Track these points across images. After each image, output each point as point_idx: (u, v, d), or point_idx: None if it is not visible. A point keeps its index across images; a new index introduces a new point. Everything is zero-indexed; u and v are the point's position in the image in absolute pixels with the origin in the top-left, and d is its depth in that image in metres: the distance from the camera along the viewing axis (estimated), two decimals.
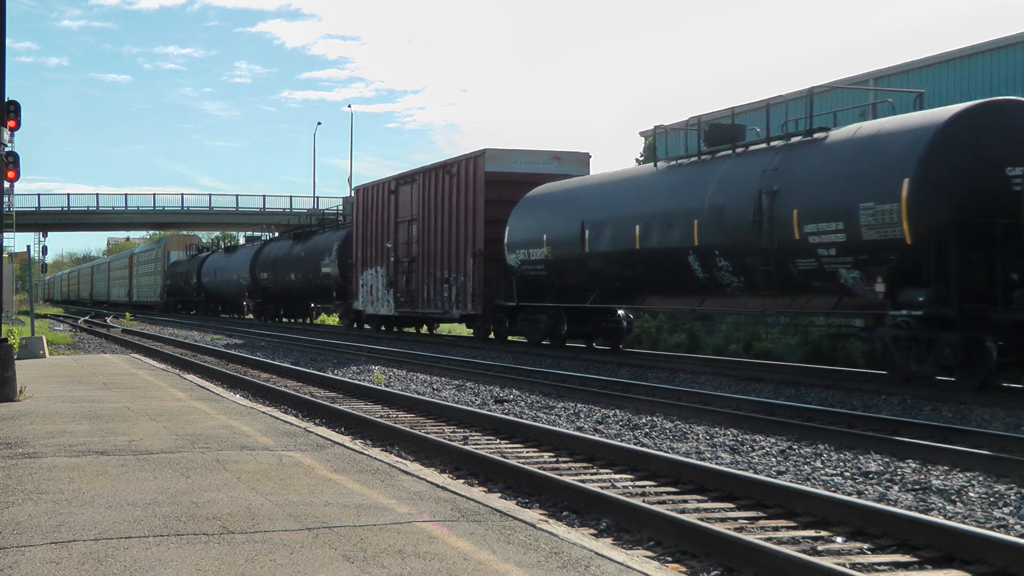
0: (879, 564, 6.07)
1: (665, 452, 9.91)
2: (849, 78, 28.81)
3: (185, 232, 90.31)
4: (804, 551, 6.24)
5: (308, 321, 52.25)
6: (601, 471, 9.15)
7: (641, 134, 38.27)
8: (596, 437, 10.55)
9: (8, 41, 13.19)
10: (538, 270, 25.37)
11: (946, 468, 9.14)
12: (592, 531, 6.97)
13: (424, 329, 37.49)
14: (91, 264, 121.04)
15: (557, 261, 24.46)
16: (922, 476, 8.77)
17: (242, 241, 67.59)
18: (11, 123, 14.08)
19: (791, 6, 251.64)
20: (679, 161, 21.12)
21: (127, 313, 62.56)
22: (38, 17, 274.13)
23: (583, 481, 8.41)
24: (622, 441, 10.67)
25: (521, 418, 12.51)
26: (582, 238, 23.22)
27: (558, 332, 25.24)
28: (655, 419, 12.49)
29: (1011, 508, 7.55)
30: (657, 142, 23.69)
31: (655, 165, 21.83)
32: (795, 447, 10.33)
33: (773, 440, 10.75)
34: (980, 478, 8.64)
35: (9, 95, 13.75)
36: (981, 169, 15.03)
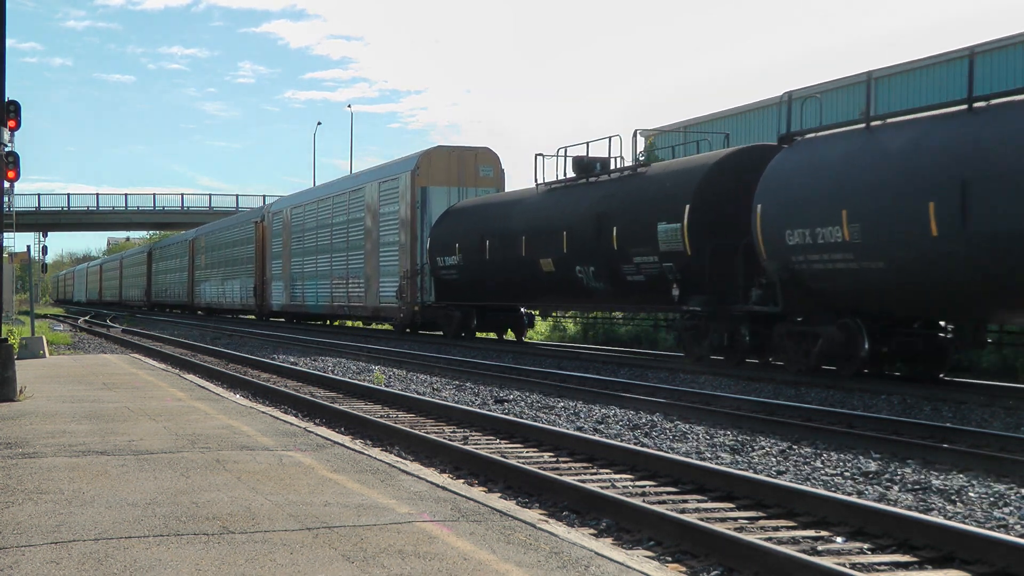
0: (879, 564, 6.08)
1: (665, 452, 9.91)
2: (849, 78, 28.83)
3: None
4: (804, 551, 6.24)
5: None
6: (601, 471, 9.15)
7: (641, 133, 38.25)
8: (596, 437, 10.55)
9: (12, 42, 13.34)
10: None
11: (946, 468, 9.14)
12: (592, 531, 6.97)
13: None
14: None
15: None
16: (922, 476, 8.77)
17: None
18: (11, 123, 14.08)
19: (791, 6, 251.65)
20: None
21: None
22: (43, 18, 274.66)
23: (583, 481, 8.41)
24: (622, 441, 10.67)
25: (521, 418, 12.50)
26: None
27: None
28: (655, 419, 12.49)
29: (1011, 508, 7.55)
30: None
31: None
32: (795, 447, 10.33)
33: (773, 440, 10.75)
34: (980, 478, 8.64)
35: (12, 95, 13.77)
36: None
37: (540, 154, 26.94)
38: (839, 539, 6.62)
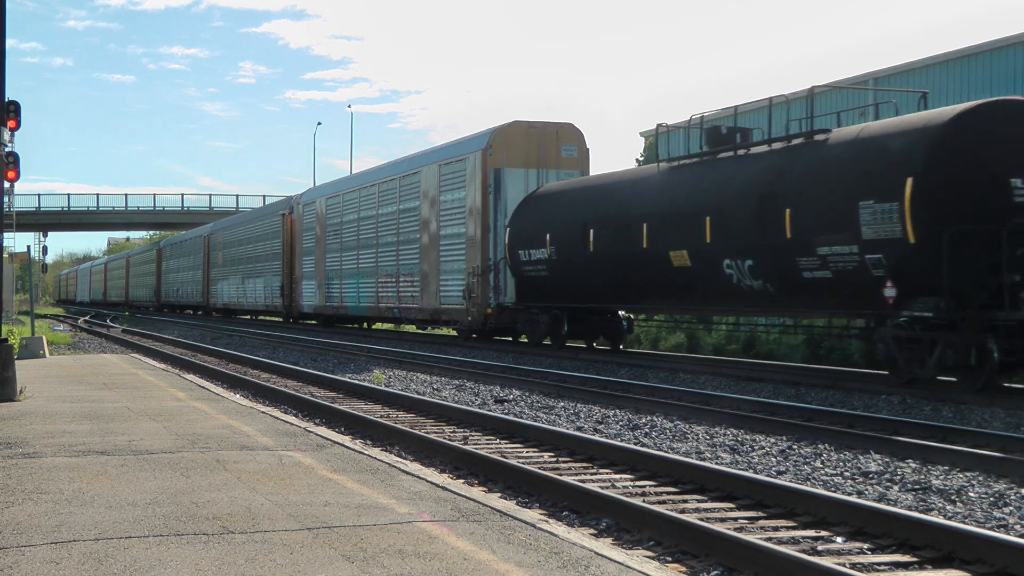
0: (879, 564, 6.07)
1: (665, 452, 9.91)
2: (850, 78, 28.80)
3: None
4: (804, 551, 6.24)
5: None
6: (601, 471, 9.15)
7: (642, 134, 38.22)
8: (596, 437, 10.54)
9: (14, 42, 13.36)
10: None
11: (946, 468, 9.13)
12: (592, 531, 6.97)
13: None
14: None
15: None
16: (922, 476, 8.77)
17: None
18: (11, 123, 14.09)
19: (792, 6, 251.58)
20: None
21: None
22: (43, 18, 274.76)
23: (583, 481, 8.41)
24: (622, 441, 10.67)
25: (521, 418, 12.50)
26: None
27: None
28: (655, 419, 12.48)
29: (1011, 508, 7.54)
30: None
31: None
32: (795, 447, 10.33)
33: (773, 440, 10.75)
34: (980, 478, 8.63)
35: (12, 95, 13.79)
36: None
37: (663, 124, 22.46)
38: (839, 539, 6.62)
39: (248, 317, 54.38)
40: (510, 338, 29.23)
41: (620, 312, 24.78)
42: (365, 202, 36.20)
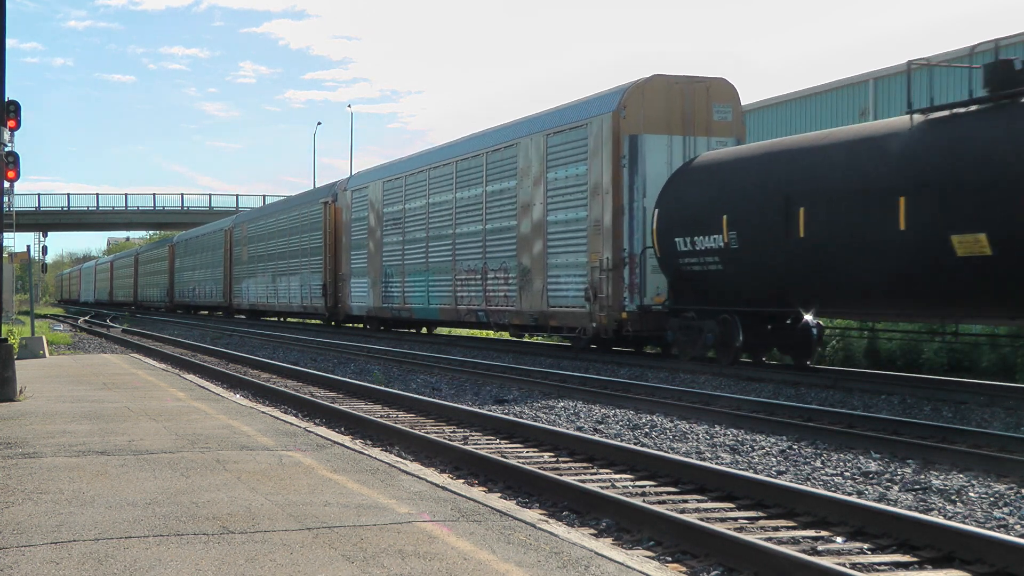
0: (879, 564, 6.08)
1: (665, 452, 9.91)
2: (851, 77, 28.63)
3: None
4: (804, 551, 6.24)
5: None
6: (601, 471, 9.15)
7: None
8: (596, 437, 10.54)
9: (14, 42, 13.36)
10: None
11: (946, 468, 9.14)
12: (592, 531, 6.97)
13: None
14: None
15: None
16: (922, 476, 8.77)
17: None
18: (11, 123, 14.11)
19: (794, 5, 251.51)
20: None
21: None
22: (44, 18, 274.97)
23: (583, 481, 8.41)
24: (622, 441, 10.67)
25: (521, 418, 12.50)
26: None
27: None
28: (655, 419, 12.48)
29: (1011, 508, 7.54)
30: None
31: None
32: (795, 447, 10.33)
33: (773, 440, 10.75)
34: (980, 478, 8.64)
35: (12, 95, 13.84)
36: None
37: (913, 61, 16.64)
38: (839, 539, 6.62)
39: (276, 319, 49.19)
40: (653, 350, 23.32)
41: (807, 317, 18.18)
42: (437, 184, 30.00)
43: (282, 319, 48.53)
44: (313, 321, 44.10)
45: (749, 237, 18.00)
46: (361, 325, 38.03)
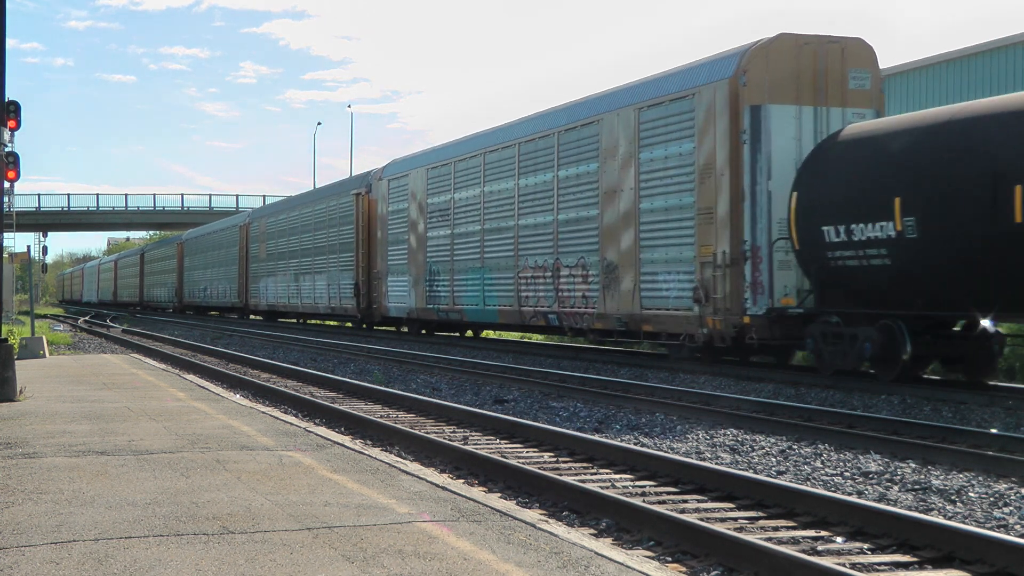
0: (879, 564, 6.08)
1: (665, 452, 9.91)
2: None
3: None
4: (804, 551, 6.24)
5: None
6: (601, 471, 9.15)
7: None
8: (596, 437, 10.54)
9: (14, 42, 13.44)
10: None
11: (946, 468, 9.14)
12: (592, 531, 6.97)
13: None
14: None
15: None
16: (922, 476, 8.77)
17: None
18: (11, 123, 14.10)
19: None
20: None
21: None
22: (44, 18, 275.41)
23: (583, 481, 8.41)
24: (622, 441, 10.67)
25: (521, 418, 12.50)
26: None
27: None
28: (655, 419, 12.49)
29: (1011, 508, 7.55)
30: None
31: None
32: (795, 447, 10.33)
33: (773, 440, 10.75)
34: (980, 478, 8.64)
35: (13, 95, 13.83)
36: None
37: None
38: (839, 539, 6.62)
39: (295, 322, 45.90)
40: (765, 360, 19.72)
41: (985, 323, 14.97)
42: (494, 170, 26.29)
43: (302, 320, 45.62)
44: (331, 323, 41.89)
45: (936, 223, 14.45)
46: (395, 328, 35.00)
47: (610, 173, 21.36)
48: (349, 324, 38.86)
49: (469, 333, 32.29)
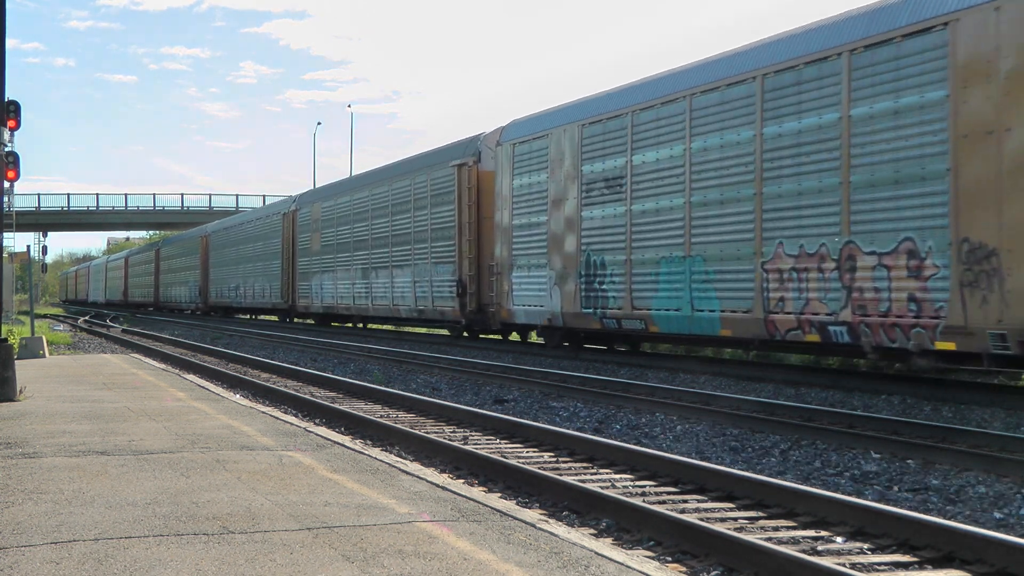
0: (879, 564, 6.08)
1: (665, 452, 9.91)
2: None
3: None
4: (804, 551, 6.24)
5: None
6: (601, 471, 9.15)
7: None
8: (596, 437, 10.54)
9: (15, 42, 13.45)
10: None
11: (946, 468, 9.14)
12: (592, 531, 6.97)
13: None
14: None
15: None
16: (922, 476, 8.77)
17: None
18: (11, 123, 14.10)
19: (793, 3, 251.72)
20: None
21: None
22: (45, 18, 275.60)
23: (583, 481, 8.41)
24: (622, 441, 10.67)
25: (521, 418, 12.50)
26: None
27: None
28: (655, 419, 12.48)
29: (1011, 508, 7.55)
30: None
31: None
32: (795, 447, 10.33)
33: (773, 440, 10.75)
34: (980, 478, 8.64)
35: (13, 95, 13.83)
36: None
37: None
38: (839, 539, 6.62)
39: (350, 326, 38.65)
40: None
41: None
42: (713, 117, 17.64)
43: (362, 324, 38.10)
44: (419, 329, 34.07)
45: None
46: (520, 339, 27.53)
47: (975, 104, 12.89)
48: (447, 332, 30.36)
49: (646, 347, 23.85)
